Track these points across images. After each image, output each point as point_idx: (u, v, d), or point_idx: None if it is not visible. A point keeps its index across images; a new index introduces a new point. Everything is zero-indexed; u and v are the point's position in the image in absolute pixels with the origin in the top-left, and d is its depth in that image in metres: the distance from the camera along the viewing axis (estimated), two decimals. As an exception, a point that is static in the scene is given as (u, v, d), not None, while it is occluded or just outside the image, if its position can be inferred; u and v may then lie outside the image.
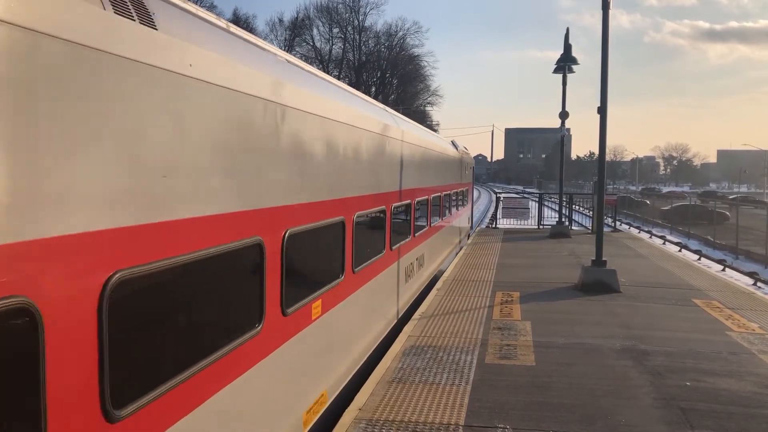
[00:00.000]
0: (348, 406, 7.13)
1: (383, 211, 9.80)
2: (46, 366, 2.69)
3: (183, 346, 3.95)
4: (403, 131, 11.31)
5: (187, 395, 3.89)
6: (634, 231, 35.28)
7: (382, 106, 11.54)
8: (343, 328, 7.52)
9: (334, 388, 7.09)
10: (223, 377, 4.38)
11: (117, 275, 3.15)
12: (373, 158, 9.04)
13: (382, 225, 9.89)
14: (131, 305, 3.38)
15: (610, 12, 14.02)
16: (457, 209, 21.57)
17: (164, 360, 3.74)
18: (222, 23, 5.10)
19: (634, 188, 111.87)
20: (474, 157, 35.06)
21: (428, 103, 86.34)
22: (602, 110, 14.31)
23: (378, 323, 9.63)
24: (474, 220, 34.36)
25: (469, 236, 26.23)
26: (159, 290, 3.67)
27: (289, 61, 6.42)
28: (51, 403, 2.74)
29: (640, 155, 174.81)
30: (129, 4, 3.44)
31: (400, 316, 11.29)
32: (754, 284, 19.27)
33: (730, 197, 65.97)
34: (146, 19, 3.54)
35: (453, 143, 22.70)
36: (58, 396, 2.79)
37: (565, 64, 24.63)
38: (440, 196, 16.67)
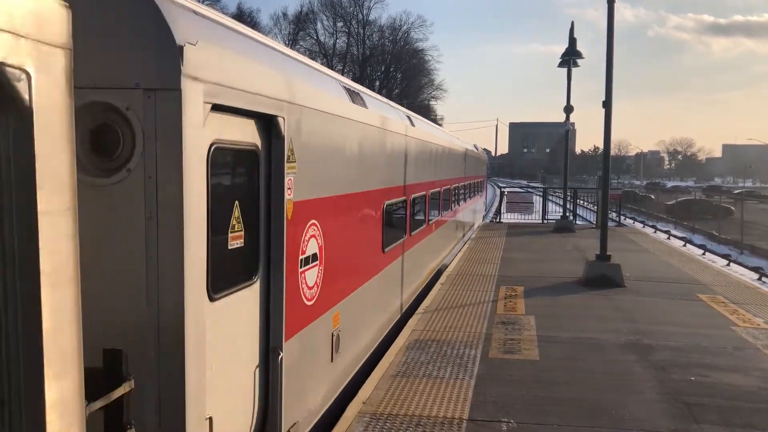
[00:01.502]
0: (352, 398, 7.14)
1: (448, 189, 17.01)
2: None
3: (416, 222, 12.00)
4: (435, 135, 15.33)
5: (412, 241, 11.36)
6: (638, 226, 35.16)
7: (423, 119, 15.88)
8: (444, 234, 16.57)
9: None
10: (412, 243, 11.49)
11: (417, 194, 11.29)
12: (425, 157, 12.79)
13: (448, 197, 17.00)
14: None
15: (614, 5, 13.95)
16: (476, 194, 27.53)
17: (401, 227, 10.53)
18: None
19: (638, 183, 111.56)
20: (478, 152, 37.71)
21: (432, 97, 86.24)
22: (607, 104, 14.26)
23: (451, 241, 18.28)
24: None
25: (483, 217, 31.48)
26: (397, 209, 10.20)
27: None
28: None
29: (645, 150, 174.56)
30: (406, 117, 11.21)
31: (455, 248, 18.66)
32: (759, 279, 19.17)
33: (735, 192, 65.72)
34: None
35: (475, 146, 28.97)
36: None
37: (570, 58, 24.51)
38: (468, 184, 22.88)
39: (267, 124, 4.81)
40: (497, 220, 31.10)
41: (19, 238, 2.07)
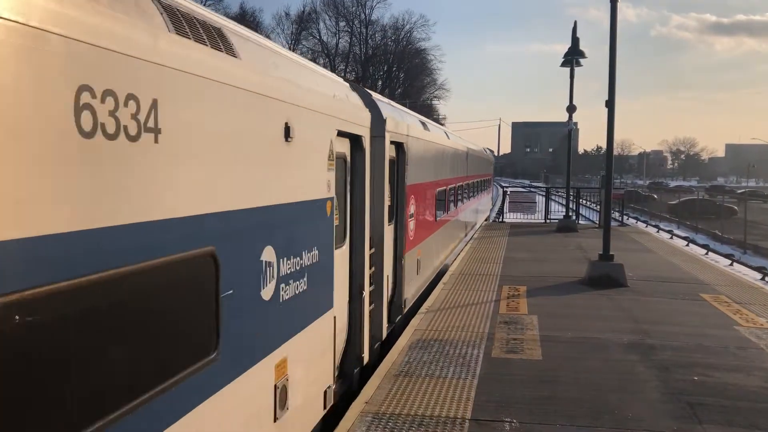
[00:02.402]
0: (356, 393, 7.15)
1: (470, 184, 22.88)
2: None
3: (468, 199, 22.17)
4: (461, 143, 20.90)
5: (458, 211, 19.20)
6: (641, 225, 35.10)
7: (454, 132, 23.14)
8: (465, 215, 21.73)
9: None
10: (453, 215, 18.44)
11: (447, 185, 16.18)
12: (451, 159, 17.36)
13: (469, 189, 22.79)
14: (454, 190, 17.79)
15: (617, 5, 13.93)
16: (487, 188, 34.07)
17: (456, 203, 18.31)
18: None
19: (641, 182, 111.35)
20: (481, 152, 40.34)
21: (435, 96, 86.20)
22: (610, 104, 14.24)
23: (470, 221, 23.77)
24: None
25: (492, 208, 37.51)
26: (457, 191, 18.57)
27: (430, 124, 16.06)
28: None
29: (648, 149, 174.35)
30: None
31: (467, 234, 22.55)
32: (762, 279, 19.16)
33: (738, 191, 65.58)
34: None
35: (485, 149, 35.63)
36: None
37: (573, 57, 24.48)
38: (483, 180, 29.21)
39: (398, 146, 10.19)
40: (500, 219, 31.07)
41: (358, 195, 7.61)
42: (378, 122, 8.51)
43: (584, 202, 35.52)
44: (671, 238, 29.61)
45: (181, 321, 3.58)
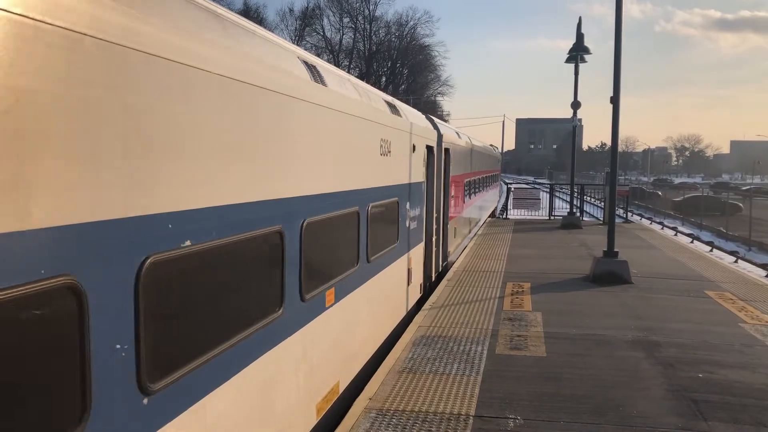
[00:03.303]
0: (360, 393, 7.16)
1: (485, 177, 27.99)
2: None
3: (482, 192, 27.42)
4: (473, 143, 23.71)
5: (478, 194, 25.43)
6: (645, 222, 35.04)
7: (476, 138, 27.09)
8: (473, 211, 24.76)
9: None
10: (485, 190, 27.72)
11: (469, 177, 20.97)
12: (471, 158, 21.51)
13: (485, 180, 27.94)
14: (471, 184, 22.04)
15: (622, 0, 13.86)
16: (497, 181, 39.81)
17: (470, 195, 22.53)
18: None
19: (645, 179, 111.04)
20: (485, 148, 44.05)
21: (439, 93, 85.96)
22: (615, 100, 14.18)
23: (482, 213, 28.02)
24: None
25: (498, 199, 41.24)
26: (474, 183, 23.07)
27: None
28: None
29: (652, 146, 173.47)
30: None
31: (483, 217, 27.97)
32: (767, 276, 19.09)
33: (743, 188, 65.35)
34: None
35: (492, 145, 40.30)
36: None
37: (578, 53, 24.41)
38: (493, 175, 33.95)
39: (446, 150, 14.53)
40: (504, 216, 31.01)
41: (430, 181, 12.67)
42: (439, 137, 13.60)
43: (588, 198, 35.45)
44: (676, 234, 29.54)
45: (391, 225, 8.88)
